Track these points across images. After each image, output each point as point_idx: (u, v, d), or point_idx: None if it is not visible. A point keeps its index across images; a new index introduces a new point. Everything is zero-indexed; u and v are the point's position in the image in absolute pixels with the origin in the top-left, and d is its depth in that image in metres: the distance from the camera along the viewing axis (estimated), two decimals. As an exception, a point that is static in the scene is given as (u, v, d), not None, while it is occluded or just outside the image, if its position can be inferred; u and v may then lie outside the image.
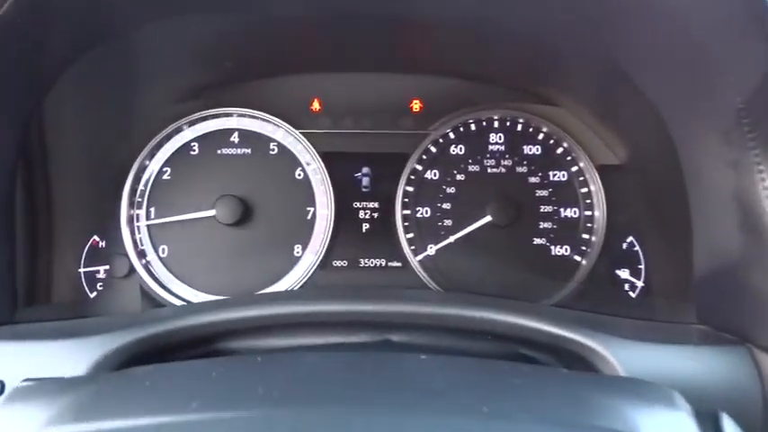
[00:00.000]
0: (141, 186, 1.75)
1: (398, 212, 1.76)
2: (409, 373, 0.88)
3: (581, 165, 1.78)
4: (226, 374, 0.85)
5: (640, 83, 1.41)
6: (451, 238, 1.75)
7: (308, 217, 1.76)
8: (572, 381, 0.90)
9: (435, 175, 1.79)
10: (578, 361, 1.22)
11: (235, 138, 1.78)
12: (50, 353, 1.16)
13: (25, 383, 1.08)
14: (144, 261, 1.72)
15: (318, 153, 1.77)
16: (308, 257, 1.74)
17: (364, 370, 0.87)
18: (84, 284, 1.69)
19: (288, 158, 1.78)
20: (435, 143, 1.80)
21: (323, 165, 1.76)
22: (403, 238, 1.76)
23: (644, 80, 1.40)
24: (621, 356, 1.16)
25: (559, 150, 1.80)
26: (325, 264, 1.75)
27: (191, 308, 1.45)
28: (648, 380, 1.12)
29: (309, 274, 1.73)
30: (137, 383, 0.85)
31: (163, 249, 1.74)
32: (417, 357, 0.96)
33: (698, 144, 1.32)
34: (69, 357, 1.14)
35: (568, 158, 1.79)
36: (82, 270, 1.69)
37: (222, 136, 1.78)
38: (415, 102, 1.82)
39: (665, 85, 1.35)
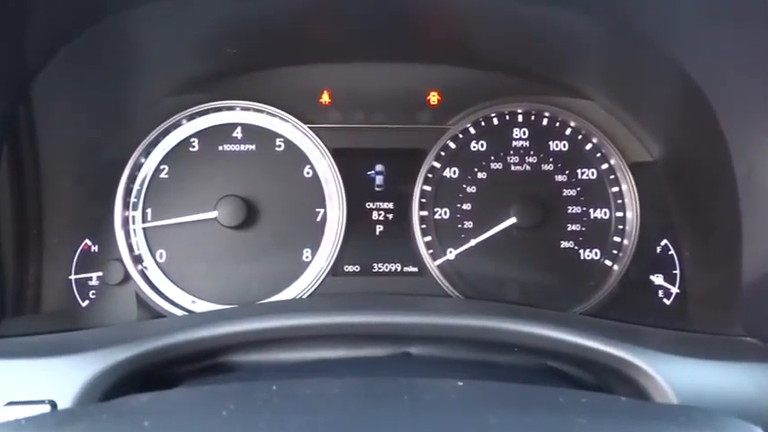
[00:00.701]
0: (137, 186, 1.64)
1: (415, 213, 1.65)
2: (452, 409, 0.76)
3: (612, 162, 1.67)
4: (239, 413, 0.73)
5: (689, 67, 1.28)
6: (473, 242, 1.64)
7: (318, 219, 1.65)
8: (642, 416, 0.78)
9: (455, 174, 1.68)
10: (614, 375, 1.14)
11: (238, 133, 1.67)
12: (38, 372, 1.08)
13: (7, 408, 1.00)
14: (140, 267, 1.61)
15: (328, 149, 1.66)
16: (318, 262, 1.63)
17: (399, 406, 0.74)
18: (76, 292, 1.60)
19: (295, 155, 1.67)
20: (455, 139, 1.68)
21: (333, 162, 1.65)
22: (420, 241, 1.65)
23: (693, 62, 1.28)
24: (669, 374, 1.08)
25: (588, 146, 1.69)
26: (336, 269, 1.64)
27: (193, 320, 1.35)
28: (701, 401, 1.05)
29: (320, 281, 1.62)
30: (134, 424, 0.72)
31: (160, 254, 1.63)
32: (455, 385, 0.85)
33: (755, 141, 1.21)
34: (59, 377, 1.06)
35: (598, 155, 1.68)
36: (73, 277, 1.59)
37: (224, 131, 1.67)
38: (432, 94, 1.71)
39: (720, 71, 1.23)
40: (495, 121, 1.70)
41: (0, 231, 1.37)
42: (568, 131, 1.69)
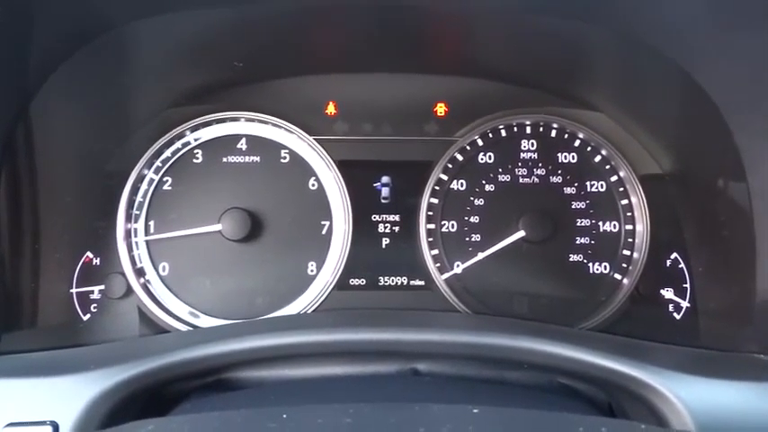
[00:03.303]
0: (139, 198, 1.62)
1: (422, 226, 1.63)
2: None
3: (621, 174, 1.65)
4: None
5: (699, 78, 1.26)
6: (480, 255, 1.61)
7: (323, 231, 1.63)
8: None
9: (462, 186, 1.66)
10: (626, 393, 1.12)
11: (242, 144, 1.65)
12: (40, 392, 1.05)
13: (7, 430, 0.98)
14: (142, 280, 1.59)
15: (334, 161, 1.64)
16: (324, 276, 1.61)
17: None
18: (77, 306, 1.57)
19: (300, 167, 1.65)
20: (462, 151, 1.67)
21: (339, 174, 1.64)
22: (427, 254, 1.62)
23: (702, 73, 1.26)
24: (684, 395, 1.05)
25: (597, 158, 1.67)
26: (342, 283, 1.61)
27: (198, 337, 1.31)
28: (717, 423, 1.03)
29: (325, 295, 1.60)
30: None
31: (163, 267, 1.61)
32: (471, 412, 0.82)
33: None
34: (62, 397, 1.04)
35: (607, 167, 1.66)
36: (74, 290, 1.57)
37: (228, 142, 1.66)
38: (439, 105, 1.69)
39: (732, 82, 1.21)
40: (503, 133, 1.68)
41: None
42: (577, 143, 1.68)
